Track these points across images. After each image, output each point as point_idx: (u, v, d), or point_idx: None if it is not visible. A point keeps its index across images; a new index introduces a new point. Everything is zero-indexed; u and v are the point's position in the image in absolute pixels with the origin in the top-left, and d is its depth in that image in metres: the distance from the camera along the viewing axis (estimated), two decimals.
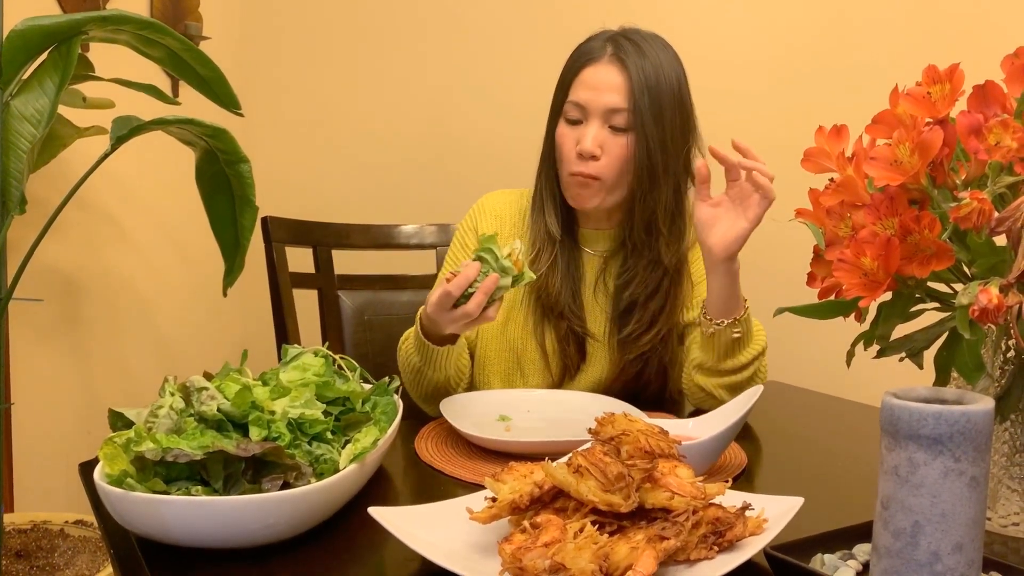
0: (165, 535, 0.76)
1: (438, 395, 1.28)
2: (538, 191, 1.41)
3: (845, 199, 0.82)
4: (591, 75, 1.32)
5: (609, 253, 1.42)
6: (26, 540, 1.60)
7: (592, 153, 1.30)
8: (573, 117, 1.33)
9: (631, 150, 1.31)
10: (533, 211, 1.41)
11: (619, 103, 1.30)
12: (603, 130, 1.31)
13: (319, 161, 2.31)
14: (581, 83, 1.33)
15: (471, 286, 1.12)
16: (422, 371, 1.28)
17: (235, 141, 1.33)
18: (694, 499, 0.74)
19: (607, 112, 1.30)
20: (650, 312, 1.36)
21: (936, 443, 0.63)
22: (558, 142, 1.35)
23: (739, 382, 1.29)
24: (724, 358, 1.27)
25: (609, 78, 1.31)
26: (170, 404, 0.87)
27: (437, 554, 0.71)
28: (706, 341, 1.28)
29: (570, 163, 1.33)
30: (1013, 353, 0.83)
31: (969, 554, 0.65)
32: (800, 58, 2.02)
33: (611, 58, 1.31)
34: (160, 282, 2.07)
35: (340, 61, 2.29)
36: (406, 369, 1.32)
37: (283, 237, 1.68)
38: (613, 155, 1.31)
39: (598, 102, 1.30)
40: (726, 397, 1.27)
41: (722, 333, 1.26)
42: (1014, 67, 0.81)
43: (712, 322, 1.26)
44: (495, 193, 1.50)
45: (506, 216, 1.45)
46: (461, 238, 1.47)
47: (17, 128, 1.17)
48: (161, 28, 1.24)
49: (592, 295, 1.41)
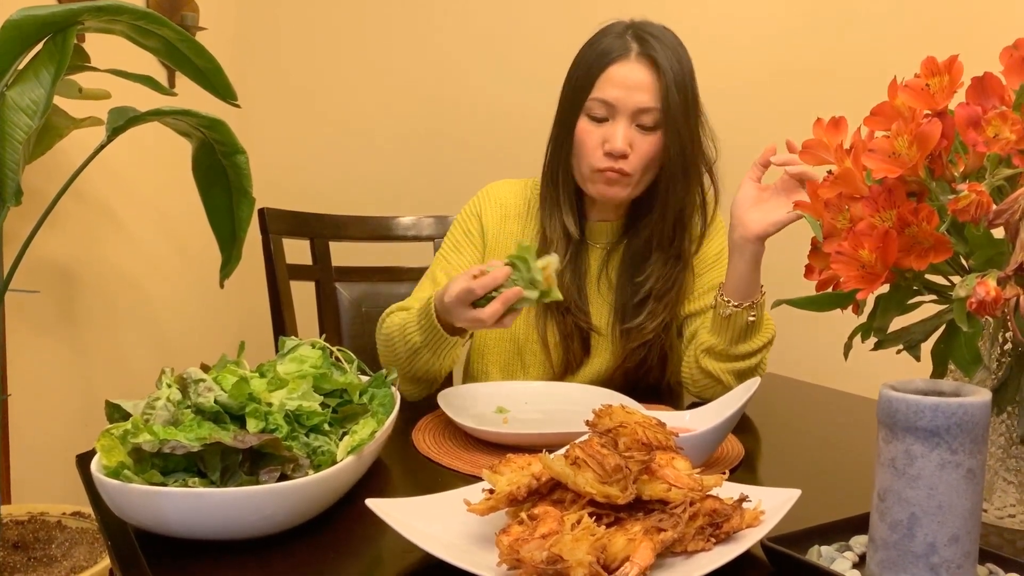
0: (162, 527, 0.76)
1: (426, 379, 1.27)
2: (553, 186, 1.39)
3: (843, 191, 0.82)
4: (620, 73, 1.30)
5: (611, 245, 1.42)
6: (23, 532, 1.60)
7: (624, 152, 1.30)
8: (599, 115, 1.32)
9: (658, 148, 1.32)
10: (546, 206, 1.40)
11: (649, 103, 1.30)
12: (631, 128, 1.31)
13: (316, 152, 2.30)
14: (609, 81, 1.31)
15: (496, 290, 1.10)
16: (419, 352, 1.24)
17: (232, 132, 1.33)
18: (691, 491, 0.74)
19: (636, 111, 1.30)
20: (662, 304, 1.38)
21: (933, 435, 0.63)
22: (580, 138, 1.33)
23: (746, 369, 1.30)
24: (736, 342, 1.28)
25: (639, 77, 1.30)
26: (167, 396, 0.87)
27: (435, 546, 0.71)
28: (720, 323, 1.29)
29: (596, 159, 1.32)
30: (1010, 345, 0.83)
31: (965, 546, 0.65)
32: (798, 50, 2.01)
33: (639, 56, 1.30)
34: (157, 273, 2.06)
35: (337, 52, 2.28)
36: (398, 346, 1.26)
37: (280, 229, 1.68)
38: (641, 152, 1.32)
39: (628, 101, 1.30)
40: (732, 383, 1.28)
41: (738, 316, 1.27)
42: (1013, 59, 0.81)
43: (729, 303, 1.27)
44: (500, 183, 1.49)
45: (511, 206, 1.45)
46: (464, 223, 1.45)
47: (13, 119, 1.17)
48: (157, 18, 1.23)
49: (595, 288, 1.41)
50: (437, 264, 1.43)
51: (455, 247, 1.44)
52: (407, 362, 1.26)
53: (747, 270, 1.26)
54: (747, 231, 1.24)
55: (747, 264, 1.25)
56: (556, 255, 1.13)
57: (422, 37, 2.26)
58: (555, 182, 1.39)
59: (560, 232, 1.38)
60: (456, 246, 1.44)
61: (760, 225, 1.23)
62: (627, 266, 1.40)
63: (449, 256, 1.43)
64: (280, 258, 1.66)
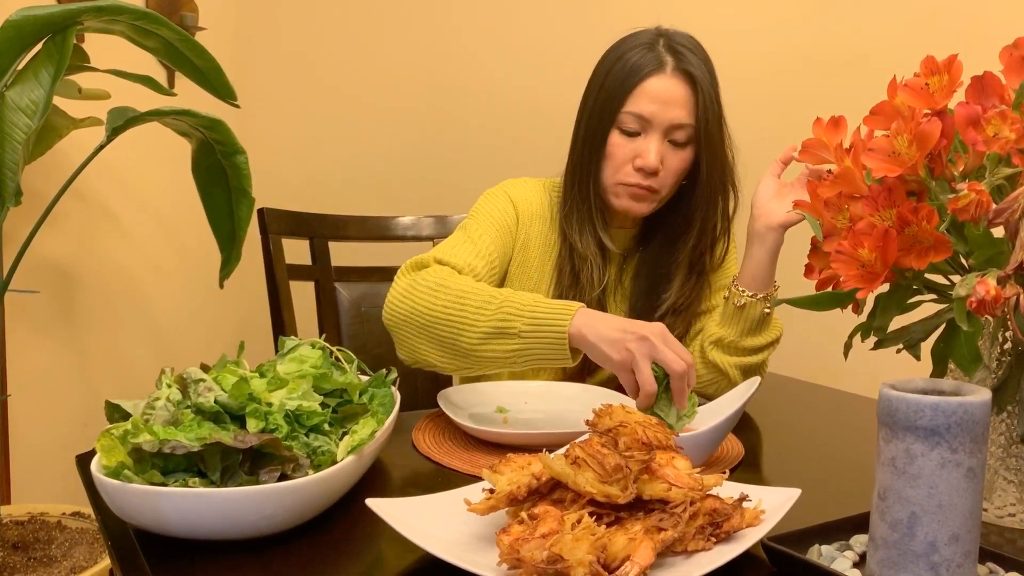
0: (162, 527, 0.76)
1: (435, 352, 1.16)
2: (583, 200, 1.35)
3: (843, 190, 0.82)
4: (656, 87, 1.27)
5: (628, 252, 1.41)
6: (23, 532, 1.60)
7: (656, 170, 1.28)
8: (631, 128, 1.29)
9: (687, 163, 1.31)
10: (574, 220, 1.35)
11: (685, 119, 1.28)
12: (663, 144, 1.29)
13: (316, 152, 2.30)
14: (644, 95, 1.27)
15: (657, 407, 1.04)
16: (485, 336, 1.10)
17: (231, 132, 1.33)
18: (691, 490, 0.74)
19: (671, 127, 1.28)
20: (680, 318, 1.37)
21: (933, 434, 0.63)
22: (611, 152, 1.30)
23: (752, 365, 1.30)
24: (747, 334, 1.28)
25: (676, 93, 1.27)
26: (167, 396, 0.87)
27: (435, 545, 0.71)
28: (732, 315, 1.28)
29: (624, 174, 1.30)
30: (1010, 344, 0.83)
31: (965, 545, 0.65)
32: (798, 49, 2.01)
33: (676, 71, 1.28)
34: (157, 273, 2.06)
35: (336, 52, 2.28)
36: (447, 308, 1.13)
37: (280, 229, 1.68)
38: (671, 169, 1.30)
39: (664, 116, 1.27)
40: (737, 379, 1.28)
41: (752, 306, 1.27)
42: (1012, 58, 0.81)
43: (744, 293, 1.27)
44: (519, 180, 1.44)
45: (535, 206, 1.40)
46: (497, 201, 1.38)
47: (12, 119, 1.17)
48: (157, 18, 1.23)
49: (612, 297, 1.40)
50: (475, 230, 1.33)
51: (491, 220, 1.35)
52: (448, 336, 1.13)
53: (766, 259, 1.26)
54: (771, 219, 1.25)
55: (767, 253, 1.26)
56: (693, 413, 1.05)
57: (421, 37, 2.26)
58: (585, 196, 1.34)
59: (594, 247, 1.35)
60: (492, 220, 1.35)
61: (782, 213, 1.24)
62: (644, 276, 1.39)
63: (486, 228, 1.34)
64: (280, 258, 1.66)
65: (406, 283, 1.19)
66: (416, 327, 1.16)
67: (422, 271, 1.21)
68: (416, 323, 1.16)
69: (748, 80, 2.01)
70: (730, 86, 1.35)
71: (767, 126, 1.66)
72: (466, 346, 1.12)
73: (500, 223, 1.36)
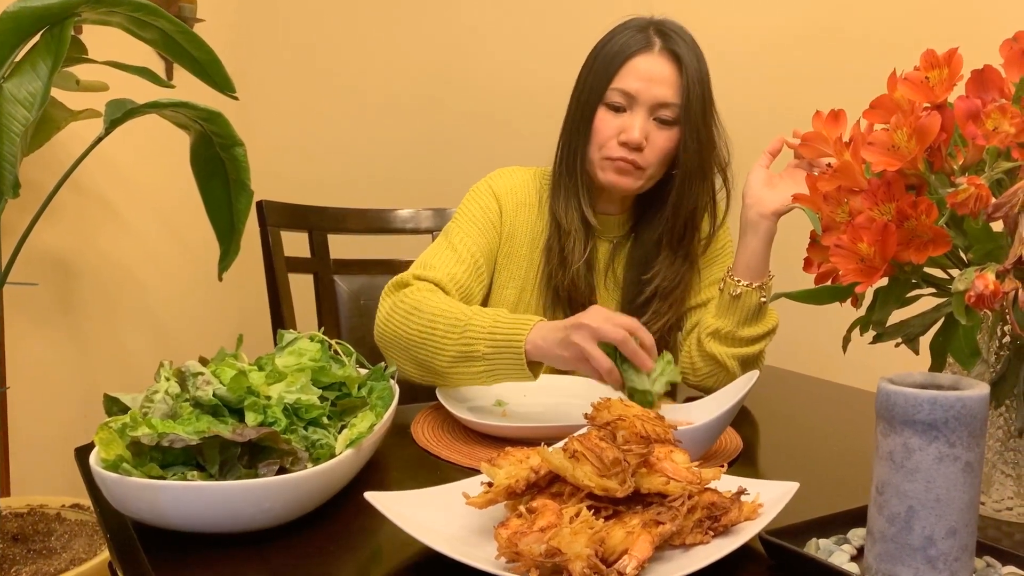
0: (161, 520, 0.76)
1: (417, 372, 1.21)
2: (569, 175, 1.37)
3: (842, 184, 0.82)
4: (643, 65, 1.30)
5: (618, 240, 1.42)
6: (23, 524, 1.60)
7: (640, 144, 1.30)
8: (617, 104, 1.31)
9: (673, 143, 1.32)
10: (560, 195, 1.37)
11: (670, 97, 1.30)
12: (648, 121, 1.31)
13: (315, 145, 2.30)
14: (631, 72, 1.30)
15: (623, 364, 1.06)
16: (453, 360, 1.15)
17: (230, 124, 1.32)
18: (690, 484, 0.74)
19: (656, 105, 1.30)
20: (667, 303, 1.38)
21: (931, 428, 0.63)
22: (597, 127, 1.33)
23: (750, 356, 1.30)
24: (743, 324, 1.29)
25: (662, 71, 1.30)
26: (166, 389, 0.87)
27: (433, 539, 0.71)
28: (728, 305, 1.29)
29: (609, 148, 1.32)
30: (1008, 339, 0.83)
31: (963, 539, 0.65)
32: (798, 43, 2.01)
33: (663, 51, 1.31)
34: (155, 266, 2.06)
35: (335, 44, 2.28)
36: (421, 332, 1.17)
37: (278, 221, 1.68)
38: (656, 147, 1.32)
39: (649, 94, 1.29)
40: (736, 371, 1.29)
41: (748, 295, 1.28)
42: (1012, 52, 0.80)
43: (740, 283, 1.28)
44: (507, 170, 1.46)
45: (522, 194, 1.41)
46: (480, 199, 1.40)
47: (10, 111, 1.16)
48: (155, 10, 1.23)
49: (603, 284, 1.41)
50: (456, 234, 1.36)
51: (472, 220, 1.38)
52: (423, 357, 1.17)
53: (760, 248, 1.27)
54: (764, 208, 1.27)
55: (760, 242, 1.27)
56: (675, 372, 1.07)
57: (420, 28, 2.26)
58: (572, 171, 1.36)
59: (578, 222, 1.36)
60: (473, 220, 1.38)
61: (776, 201, 1.26)
62: (633, 263, 1.40)
63: (467, 229, 1.37)
64: (278, 251, 1.66)
65: (388, 306, 1.24)
66: (398, 349, 1.21)
67: (401, 291, 1.25)
68: (398, 345, 1.21)
69: (747, 80, 2.01)
70: (730, 86, 1.35)
71: (764, 124, 1.65)
72: (440, 369, 1.17)
73: (482, 220, 1.38)
